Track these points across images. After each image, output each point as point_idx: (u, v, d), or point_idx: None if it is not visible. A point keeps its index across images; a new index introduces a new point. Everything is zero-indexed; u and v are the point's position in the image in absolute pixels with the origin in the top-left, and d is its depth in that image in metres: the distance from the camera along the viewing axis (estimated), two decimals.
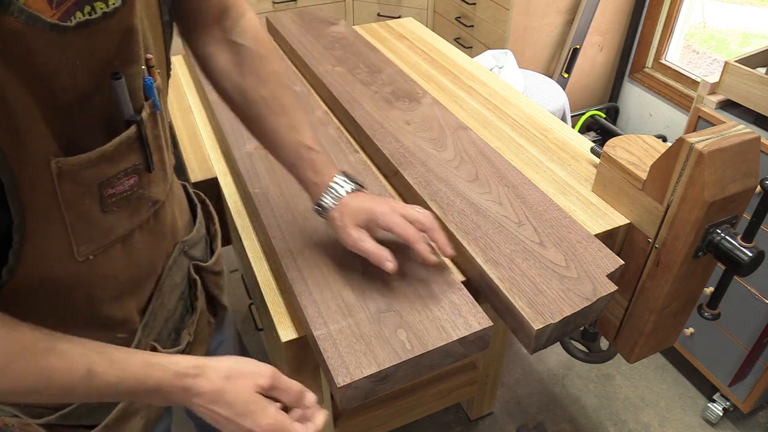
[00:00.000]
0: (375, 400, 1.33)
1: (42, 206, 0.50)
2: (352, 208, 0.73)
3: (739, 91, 1.37)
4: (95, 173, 0.52)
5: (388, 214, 0.72)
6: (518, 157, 1.04)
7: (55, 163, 0.48)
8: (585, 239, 0.82)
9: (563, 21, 2.28)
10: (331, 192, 0.74)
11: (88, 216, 0.54)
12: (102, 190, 0.54)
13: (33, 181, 0.48)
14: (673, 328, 0.95)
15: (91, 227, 0.55)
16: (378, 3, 2.69)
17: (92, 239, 0.56)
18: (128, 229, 0.60)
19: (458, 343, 0.69)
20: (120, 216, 0.58)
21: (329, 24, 1.53)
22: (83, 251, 0.56)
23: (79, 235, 0.54)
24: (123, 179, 0.56)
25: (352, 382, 0.64)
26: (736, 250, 0.79)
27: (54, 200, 0.50)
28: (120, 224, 0.59)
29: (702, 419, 1.66)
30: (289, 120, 0.74)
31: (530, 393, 1.74)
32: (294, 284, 0.75)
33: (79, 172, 0.51)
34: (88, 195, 0.53)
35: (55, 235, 0.53)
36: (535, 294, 0.73)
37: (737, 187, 0.77)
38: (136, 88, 0.55)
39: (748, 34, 2.47)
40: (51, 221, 0.51)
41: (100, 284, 0.61)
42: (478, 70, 1.37)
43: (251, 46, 0.73)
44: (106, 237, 0.58)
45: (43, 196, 0.49)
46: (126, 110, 0.54)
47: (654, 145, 0.91)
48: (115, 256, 0.61)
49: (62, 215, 0.52)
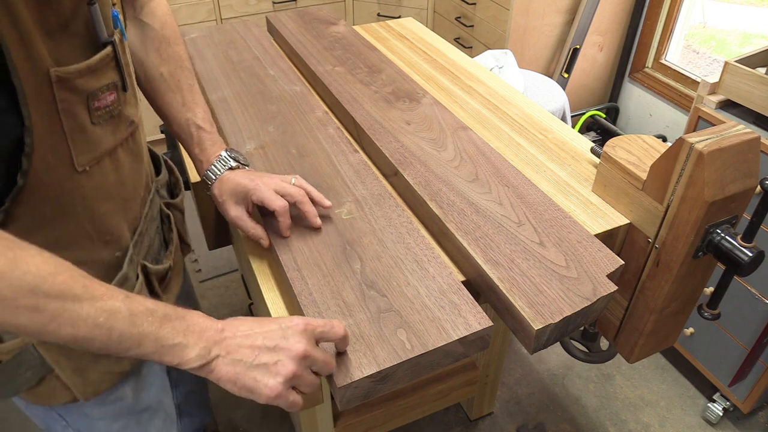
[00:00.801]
0: (375, 400, 1.33)
1: (46, 114, 0.58)
2: (231, 185, 0.81)
3: (739, 91, 1.37)
4: (83, 83, 0.61)
5: (260, 189, 0.79)
6: (518, 157, 1.04)
7: (53, 71, 0.57)
8: (585, 239, 0.82)
9: (563, 21, 2.28)
10: (213, 169, 0.83)
11: (82, 127, 0.62)
12: (90, 102, 0.62)
13: (39, 88, 0.56)
14: (673, 328, 0.95)
15: (85, 138, 0.63)
16: (378, 3, 2.69)
17: (87, 150, 0.64)
18: (113, 144, 0.68)
19: (458, 343, 0.69)
20: (105, 130, 0.66)
21: (329, 24, 1.53)
22: (81, 161, 0.63)
23: (76, 144, 0.62)
24: (105, 94, 0.65)
25: (352, 382, 0.64)
26: (736, 250, 0.79)
27: (54, 109, 0.58)
28: (106, 138, 0.67)
29: (702, 419, 1.66)
30: (183, 98, 0.84)
31: (530, 393, 1.74)
32: (294, 284, 0.75)
33: (72, 80, 0.59)
34: (80, 105, 0.61)
35: (58, 143, 0.60)
36: (535, 294, 0.73)
37: (737, 187, 0.77)
38: (106, 17, 0.64)
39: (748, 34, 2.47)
40: (54, 129, 0.59)
41: (97, 198, 0.67)
42: (478, 70, 1.37)
43: (157, 27, 0.82)
44: (97, 149, 0.65)
45: (46, 104, 0.57)
46: (101, 33, 0.62)
47: (654, 145, 0.91)
48: (106, 170, 0.68)
49: (61, 125, 0.60)
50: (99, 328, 0.52)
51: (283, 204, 0.79)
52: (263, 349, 0.58)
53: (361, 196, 0.91)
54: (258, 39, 1.45)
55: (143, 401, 0.87)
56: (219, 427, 1.64)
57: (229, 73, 1.27)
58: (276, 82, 1.23)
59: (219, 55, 1.36)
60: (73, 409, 0.81)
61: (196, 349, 0.56)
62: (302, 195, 0.81)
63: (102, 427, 0.84)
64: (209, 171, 0.83)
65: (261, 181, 0.80)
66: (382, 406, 1.33)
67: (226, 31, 1.49)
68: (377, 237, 0.83)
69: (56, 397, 0.76)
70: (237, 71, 1.28)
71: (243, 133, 1.05)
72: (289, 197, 0.80)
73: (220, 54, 1.36)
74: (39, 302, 0.49)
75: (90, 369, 0.75)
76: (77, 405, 0.79)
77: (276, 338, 0.59)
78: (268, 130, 1.06)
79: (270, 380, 0.58)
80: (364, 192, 0.92)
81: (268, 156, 1.00)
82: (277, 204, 0.79)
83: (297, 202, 0.81)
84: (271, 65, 1.31)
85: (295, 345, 0.59)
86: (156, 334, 0.55)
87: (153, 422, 0.90)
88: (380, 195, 0.91)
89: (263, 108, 1.14)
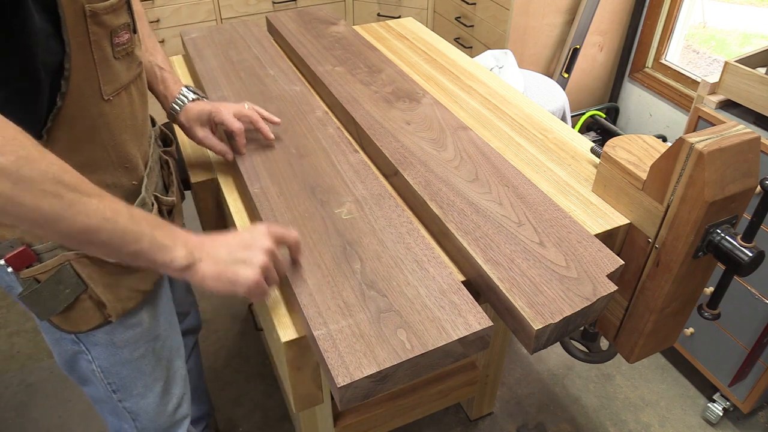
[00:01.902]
0: (375, 400, 1.33)
1: (81, 44, 0.67)
2: (195, 111, 0.97)
3: (739, 91, 1.37)
4: (109, 19, 0.70)
5: (221, 112, 0.96)
6: (518, 157, 1.04)
7: (87, 6, 0.66)
8: (585, 239, 0.82)
9: (563, 21, 2.28)
10: (177, 101, 0.97)
11: (107, 59, 0.72)
12: (112, 37, 0.72)
13: (76, 21, 0.65)
14: (673, 328, 0.95)
15: (109, 69, 0.73)
16: (378, 3, 2.69)
17: (111, 81, 0.73)
18: (128, 79, 0.78)
19: (458, 343, 0.69)
20: (123, 65, 0.76)
21: (329, 24, 1.53)
22: (107, 90, 0.73)
23: (103, 74, 0.72)
24: (123, 32, 0.74)
25: (352, 382, 0.64)
26: (736, 250, 0.79)
27: (87, 40, 0.68)
28: (123, 73, 0.76)
29: (702, 419, 1.66)
30: (146, 45, 0.95)
31: (530, 393, 1.74)
32: (294, 284, 0.75)
33: (100, 15, 0.68)
34: (106, 39, 0.71)
35: (89, 71, 0.70)
36: (535, 294, 0.73)
37: (737, 187, 0.77)
38: None
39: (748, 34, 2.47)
40: (87, 58, 0.68)
41: (118, 126, 0.77)
42: (478, 70, 1.37)
43: None
44: (118, 81, 0.75)
45: (81, 35, 0.67)
46: None
47: (654, 145, 0.91)
48: (123, 102, 0.77)
49: (92, 55, 0.69)
50: (107, 221, 0.60)
51: (240, 125, 0.96)
52: (238, 247, 0.69)
53: (361, 196, 0.91)
54: (258, 39, 1.45)
55: (156, 328, 0.93)
56: (219, 427, 1.64)
57: (229, 73, 1.27)
58: (276, 82, 1.23)
59: (219, 55, 1.36)
60: (99, 338, 0.86)
61: (183, 251, 0.66)
62: (256, 116, 0.99)
63: (124, 355, 0.90)
64: (174, 103, 0.97)
65: (221, 106, 0.97)
66: (382, 406, 1.33)
67: (226, 31, 1.49)
68: (377, 237, 0.83)
69: (88, 320, 0.82)
70: (237, 71, 1.28)
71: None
72: (245, 119, 0.98)
73: (220, 54, 1.36)
74: (60, 190, 0.56)
75: (119, 285, 0.82)
76: (104, 331, 0.85)
77: (247, 240, 0.70)
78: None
79: (248, 270, 0.68)
80: (364, 192, 0.92)
81: (268, 156, 1.00)
82: (235, 125, 0.96)
83: (252, 122, 0.99)
84: (271, 65, 1.31)
85: (264, 242, 0.70)
86: (151, 233, 0.64)
87: (164, 352, 0.96)
88: (380, 195, 0.91)
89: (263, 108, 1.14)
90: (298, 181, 0.94)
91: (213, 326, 1.95)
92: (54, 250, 0.76)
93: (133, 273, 0.84)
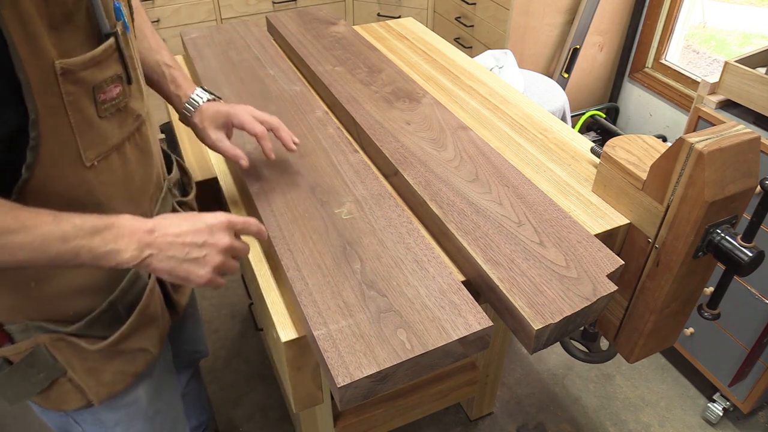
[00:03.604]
0: (375, 400, 1.33)
1: (52, 107, 0.59)
2: (211, 113, 0.87)
3: (739, 91, 1.37)
4: (89, 75, 0.61)
5: (241, 114, 0.87)
6: (518, 157, 1.04)
7: (58, 63, 0.57)
8: (585, 239, 0.82)
9: (563, 21, 2.28)
10: (191, 101, 0.88)
11: (89, 120, 0.63)
12: (96, 94, 0.63)
13: (43, 81, 0.57)
14: (673, 328, 0.95)
15: (92, 132, 0.64)
16: (378, 3, 2.69)
17: (94, 144, 0.65)
18: (119, 138, 0.69)
19: (458, 343, 0.69)
20: (112, 123, 0.67)
21: (329, 24, 1.53)
22: (89, 156, 0.64)
23: (84, 138, 0.63)
24: (111, 86, 0.65)
25: (352, 382, 0.64)
26: (736, 250, 0.79)
27: (60, 102, 0.59)
28: (113, 132, 0.68)
29: (702, 419, 1.66)
30: (149, 44, 0.87)
31: (530, 393, 1.74)
32: (294, 284, 0.75)
33: (77, 72, 0.60)
34: (86, 97, 0.62)
35: (65, 137, 0.61)
36: (535, 294, 0.73)
37: (737, 187, 0.77)
38: (109, 9, 0.65)
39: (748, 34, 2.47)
40: (60, 122, 0.60)
41: (105, 193, 0.69)
42: (478, 70, 1.37)
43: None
44: (104, 143, 0.66)
45: (52, 97, 0.58)
46: (103, 25, 0.63)
47: (654, 145, 0.91)
48: (113, 165, 0.69)
49: (68, 118, 0.60)
50: (36, 252, 0.58)
51: (263, 129, 0.86)
52: (193, 245, 0.65)
53: (361, 196, 0.91)
54: (258, 39, 1.45)
55: (157, 403, 0.88)
56: (219, 427, 1.64)
57: (229, 73, 1.27)
58: (276, 82, 1.23)
59: (219, 55, 1.36)
60: (87, 415, 0.81)
61: (129, 251, 0.62)
62: (278, 122, 0.89)
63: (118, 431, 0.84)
64: (188, 103, 0.88)
65: (239, 108, 0.88)
66: (382, 406, 1.33)
67: (226, 31, 1.49)
68: (377, 237, 0.83)
69: (68, 401, 0.77)
70: (237, 71, 1.28)
71: (243, 133, 1.05)
72: (266, 123, 0.88)
73: (220, 54, 1.36)
74: None
75: (103, 369, 0.76)
76: (91, 411, 0.79)
77: (204, 235, 0.66)
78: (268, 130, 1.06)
79: (200, 270, 0.66)
80: (364, 192, 0.92)
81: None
82: (258, 128, 0.86)
83: (273, 128, 0.88)
84: (271, 65, 1.31)
85: (221, 240, 0.67)
86: (88, 245, 0.60)
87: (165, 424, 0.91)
88: (380, 195, 0.91)
89: (263, 108, 1.14)
90: (298, 181, 0.94)
91: (213, 326, 1.95)
92: (28, 330, 0.70)
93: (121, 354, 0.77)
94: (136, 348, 0.78)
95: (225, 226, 0.68)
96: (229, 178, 1.04)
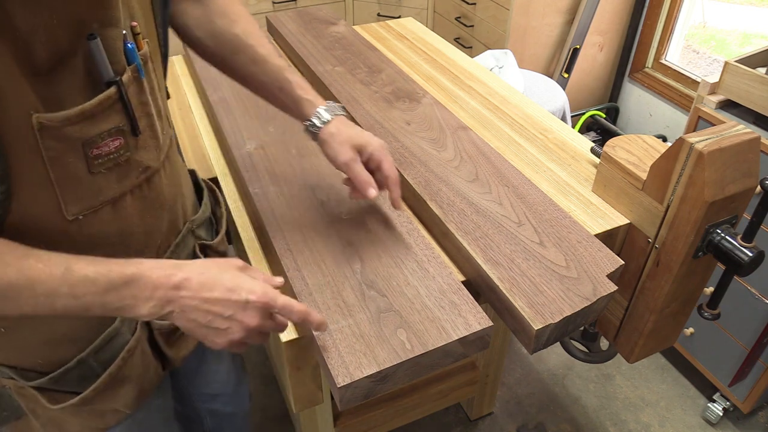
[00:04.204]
0: (375, 400, 1.33)
1: (27, 162, 0.52)
2: (349, 131, 0.76)
3: (739, 91, 1.37)
4: (77, 131, 0.54)
5: (381, 151, 0.76)
6: (518, 157, 1.04)
7: (35, 118, 0.50)
8: (585, 239, 0.82)
9: (563, 21, 2.28)
10: (328, 109, 0.77)
11: (75, 175, 0.56)
12: (87, 149, 0.56)
13: (16, 134, 0.50)
14: (673, 328, 0.95)
15: (79, 187, 0.57)
16: (378, 3, 2.69)
17: (81, 199, 0.58)
18: (118, 192, 0.62)
19: (458, 343, 0.69)
20: (109, 178, 0.60)
21: (329, 24, 1.53)
22: (72, 210, 0.58)
23: (67, 193, 0.56)
24: (107, 140, 0.57)
25: (352, 382, 0.64)
26: (736, 250, 0.79)
27: (38, 156, 0.52)
28: (109, 186, 0.60)
29: (702, 419, 1.66)
30: (266, 50, 0.78)
31: (530, 393, 1.74)
32: (294, 284, 0.75)
33: (60, 128, 0.52)
34: (73, 153, 0.55)
35: (42, 191, 0.54)
36: (535, 294, 0.73)
37: (737, 187, 0.77)
38: (116, 51, 0.56)
39: (748, 34, 2.47)
40: (37, 177, 0.53)
41: (92, 247, 0.60)
42: (478, 70, 1.37)
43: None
44: (95, 198, 0.59)
45: (28, 152, 0.51)
46: (105, 71, 0.55)
47: (654, 145, 0.91)
48: (105, 218, 0.62)
49: (47, 172, 0.54)
50: (42, 306, 0.53)
51: (396, 175, 0.76)
52: (219, 316, 0.59)
53: None
54: None
55: None
56: None
57: None
58: None
59: None
60: None
61: (147, 308, 0.56)
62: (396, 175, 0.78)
63: None
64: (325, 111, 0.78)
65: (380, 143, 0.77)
66: (382, 406, 1.33)
67: None
68: (377, 237, 0.83)
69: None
70: None
71: (243, 133, 1.05)
72: None
73: None
74: None
75: (68, 422, 0.72)
76: None
77: (233, 308, 0.59)
78: (268, 130, 1.06)
79: (219, 339, 0.60)
80: None
81: (268, 156, 1.00)
82: (394, 173, 0.76)
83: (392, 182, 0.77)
84: None
85: (250, 319, 0.60)
86: (101, 301, 0.55)
87: None
88: (380, 195, 0.91)
89: (263, 108, 1.14)
90: (298, 181, 0.94)
91: None
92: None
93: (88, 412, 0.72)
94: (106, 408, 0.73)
95: (261, 307, 0.60)
96: (229, 178, 1.04)
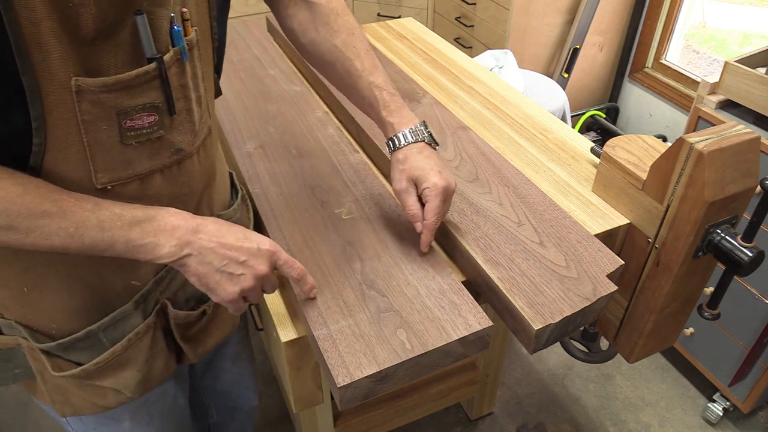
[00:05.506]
0: (375, 400, 1.33)
1: (63, 122, 0.55)
2: (415, 162, 0.77)
3: (739, 91, 1.37)
4: (112, 99, 0.57)
5: (433, 191, 0.75)
6: (518, 157, 1.04)
7: (74, 81, 0.54)
8: (585, 239, 0.82)
9: (563, 21, 2.28)
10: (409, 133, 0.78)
11: (107, 143, 0.59)
12: (121, 119, 0.59)
13: (57, 96, 0.54)
14: (673, 328, 0.95)
15: (110, 156, 0.60)
16: (378, 3, 2.69)
17: (111, 169, 0.61)
18: (147, 168, 0.64)
19: (458, 343, 0.69)
20: (140, 152, 0.62)
21: None
22: (101, 179, 0.61)
23: (97, 160, 0.59)
24: (142, 114, 0.60)
25: (352, 382, 0.64)
26: (736, 250, 0.79)
27: (74, 119, 0.56)
28: (139, 161, 0.63)
29: (702, 419, 1.66)
30: (362, 64, 0.80)
31: (530, 393, 1.74)
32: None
33: (97, 93, 0.55)
34: (107, 121, 0.58)
35: (74, 154, 0.58)
36: (535, 294, 0.73)
37: (737, 187, 0.77)
38: (161, 31, 0.59)
39: (748, 34, 2.47)
40: (71, 139, 0.57)
41: None
42: (478, 70, 1.37)
43: (323, 2, 0.81)
44: (125, 170, 0.62)
45: (65, 112, 0.55)
46: (148, 47, 0.58)
47: (654, 145, 0.91)
48: (132, 193, 0.64)
49: (81, 136, 0.57)
50: (71, 238, 0.56)
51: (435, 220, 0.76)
52: (233, 260, 0.62)
53: (361, 196, 0.91)
54: (258, 39, 1.45)
55: None
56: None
57: (229, 73, 1.27)
58: (276, 82, 1.23)
59: None
60: None
61: (167, 247, 0.60)
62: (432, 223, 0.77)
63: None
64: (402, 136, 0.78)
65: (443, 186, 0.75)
66: (382, 406, 1.33)
67: None
68: (377, 237, 0.83)
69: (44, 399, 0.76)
70: (237, 71, 1.28)
71: (243, 133, 1.05)
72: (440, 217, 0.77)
73: None
74: (12, 221, 0.54)
75: (71, 392, 0.74)
76: None
77: (247, 254, 0.63)
78: (268, 130, 1.06)
79: (230, 287, 0.63)
80: (364, 192, 0.92)
81: (268, 156, 1.00)
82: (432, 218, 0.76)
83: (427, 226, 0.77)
84: (271, 65, 1.31)
85: (261, 266, 0.64)
86: (126, 236, 0.58)
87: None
88: (380, 195, 0.91)
89: (263, 108, 1.14)
90: (298, 181, 0.94)
91: None
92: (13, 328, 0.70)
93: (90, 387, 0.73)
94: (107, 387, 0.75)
95: (269, 255, 0.65)
96: None
